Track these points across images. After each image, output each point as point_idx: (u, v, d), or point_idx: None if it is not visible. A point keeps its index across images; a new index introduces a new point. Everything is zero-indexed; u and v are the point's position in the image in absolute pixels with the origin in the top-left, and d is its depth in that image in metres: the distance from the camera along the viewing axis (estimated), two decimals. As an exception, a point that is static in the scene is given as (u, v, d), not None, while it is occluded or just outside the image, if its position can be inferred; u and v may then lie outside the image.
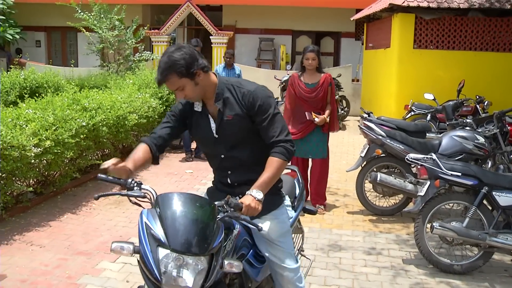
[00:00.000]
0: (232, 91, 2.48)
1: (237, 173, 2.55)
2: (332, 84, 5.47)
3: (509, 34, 9.19)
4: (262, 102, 2.43)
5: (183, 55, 2.32)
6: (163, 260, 2.01)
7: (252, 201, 2.24)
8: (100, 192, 2.61)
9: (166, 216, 2.09)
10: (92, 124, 5.93)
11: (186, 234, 2.04)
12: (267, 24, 16.70)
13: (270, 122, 2.43)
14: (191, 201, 2.18)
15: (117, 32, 12.44)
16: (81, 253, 4.39)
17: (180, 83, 2.34)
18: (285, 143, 2.43)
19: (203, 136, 2.56)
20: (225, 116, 2.47)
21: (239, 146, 2.51)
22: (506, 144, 5.65)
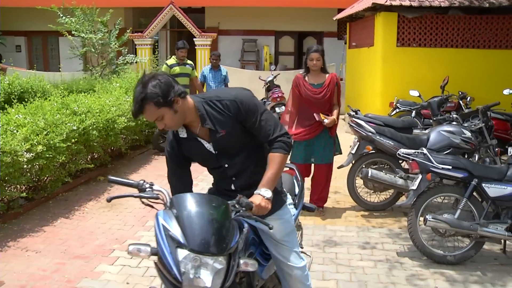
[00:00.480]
0: (213, 106, 2.44)
1: (241, 178, 2.56)
2: (338, 84, 5.30)
3: (488, 31, 9.40)
4: (247, 105, 2.43)
5: (158, 84, 2.26)
6: (183, 261, 2.02)
7: (262, 200, 2.28)
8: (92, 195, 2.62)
9: (183, 217, 2.11)
10: (83, 128, 5.92)
11: (204, 234, 2.05)
12: (250, 25, 16.76)
13: (261, 122, 2.44)
14: (206, 201, 2.20)
15: (100, 35, 12.38)
16: (78, 257, 4.38)
17: (158, 113, 2.29)
18: (282, 137, 2.46)
19: (202, 156, 2.55)
20: (218, 133, 2.44)
21: (240, 153, 2.53)
22: (491, 137, 5.81)
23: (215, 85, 9.25)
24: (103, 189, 6.47)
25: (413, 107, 8.76)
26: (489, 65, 9.21)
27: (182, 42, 8.22)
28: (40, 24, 15.49)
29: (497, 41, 9.40)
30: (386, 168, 5.63)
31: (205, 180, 7.03)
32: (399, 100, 9.04)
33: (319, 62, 5.13)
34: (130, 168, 7.62)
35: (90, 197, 6.13)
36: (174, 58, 8.11)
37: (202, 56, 13.46)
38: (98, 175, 6.98)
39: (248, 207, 2.23)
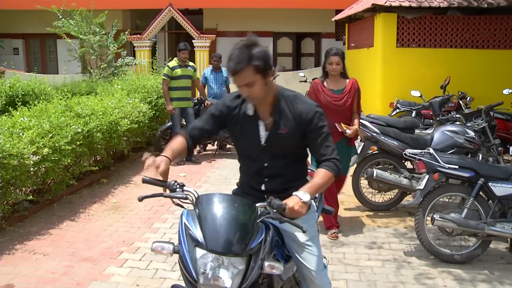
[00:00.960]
0: (289, 104, 2.47)
1: (274, 182, 2.55)
2: (359, 90, 4.90)
3: (486, 31, 9.45)
4: (318, 120, 2.44)
5: (263, 51, 2.29)
6: (200, 260, 2.03)
7: (297, 204, 2.20)
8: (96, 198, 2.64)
9: (204, 217, 2.12)
10: (87, 130, 5.92)
11: (223, 235, 2.05)
12: (248, 27, 16.74)
13: (324, 141, 2.45)
14: (230, 202, 2.20)
15: (98, 37, 12.38)
16: (86, 259, 4.38)
17: (252, 79, 2.29)
18: (336, 161, 2.45)
19: (249, 141, 2.53)
20: (280, 128, 2.46)
21: (284, 157, 2.53)
22: (494, 137, 5.85)
23: (216, 86, 9.27)
24: (107, 192, 6.47)
25: (413, 107, 8.80)
26: (488, 65, 9.26)
27: (184, 44, 8.22)
28: (38, 26, 15.48)
29: (496, 41, 9.45)
30: (390, 168, 5.66)
31: (208, 181, 7.06)
32: (399, 101, 9.07)
33: (339, 66, 4.73)
34: (132, 170, 7.62)
35: (94, 199, 6.13)
36: (176, 60, 8.11)
37: (201, 57, 13.46)
38: (101, 177, 6.98)
39: (279, 209, 2.17)
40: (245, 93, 2.37)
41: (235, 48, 2.30)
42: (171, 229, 5.18)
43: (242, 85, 2.34)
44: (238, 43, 2.33)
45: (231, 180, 7.23)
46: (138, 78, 9.53)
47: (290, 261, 2.65)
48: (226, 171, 7.73)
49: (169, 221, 5.42)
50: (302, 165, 2.67)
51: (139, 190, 6.62)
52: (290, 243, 2.60)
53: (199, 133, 2.61)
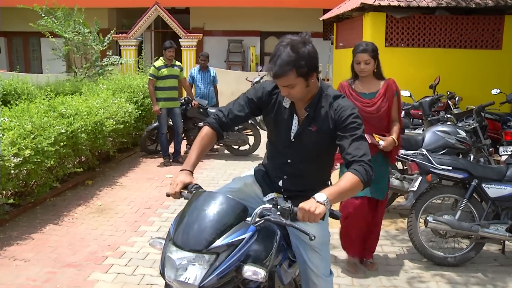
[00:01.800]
0: (327, 102, 2.37)
1: (292, 181, 2.49)
2: (398, 93, 3.98)
3: (474, 32, 9.44)
4: (353, 120, 2.30)
5: (309, 52, 2.19)
6: (167, 254, 2.01)
7: (312, 205, 2.01)
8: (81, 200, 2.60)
9: (183, 212, 2.11)
10: (71, 131, 5.76)
11: (188, 230, 2.01)
12: (235, 26, 16.65)
13: (356, 141, 2.26)
14: (211, 199, 2.12)
15: (82, 36, 12.16)
16: (70, 265, 4.23)
17: (293, 82, 2.22)
18: (367, 164, 2.21)
19: (280, 133, 2.47)
20: (311, 125, 2.38)
21: (310, 157, 2.44)
22: (485, 137, 5.80)
23: (204, 86, 9.13)
24: (92, 194, 6.30)
25: (402, 107, 8.76)
26: (476, 65, 9.25)
27: (169, 42, 8.07)
28: (21, 24, 15.16)
29: (483, 41, 9.45)
30: (381, 169, 5.57)
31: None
32: (388, 101, 9.01)
33: (368, 66, 3.82)
34: (118, 171, 7.46)
35: (79, 202, 5.96)
36: (162, 60, 7.95)
37: (188, 57, 13.32)
38: (86, 179, 6.81)
39: (284, 213, 2.07)
40: (285, 93, 2.31)
41: (279, 47, 2.20)
42: (158, 232, 5.05)
43: (282, 85, 2.28)
44: (283, 41, 2.22)
45: (219, 181, 7.12)
46: (124, 77, 9.36)
47: (293, 266, 2.56)
48: (214, 172, 7.61)
49: (156, 224, 5.28)
50: (324, 172, 2.57)
51: (125, 191, 6.48)
52: (298, 245, 2.49)
53: (233, 119, 2.52)
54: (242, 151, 8.80)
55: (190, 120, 8.53)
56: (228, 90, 12.70)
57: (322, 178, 2.57)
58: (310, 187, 2.37)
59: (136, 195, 6.32)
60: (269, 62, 2.25)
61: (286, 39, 2.21)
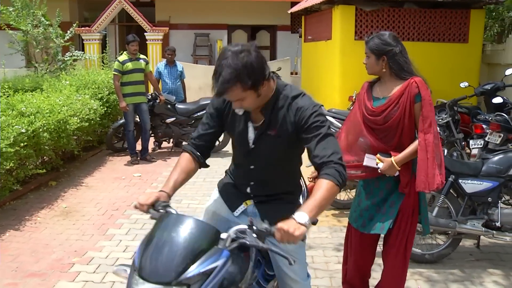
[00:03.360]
0: (285, 103, 2.23)
1: (260, 186, 2.38)
2: (424, 98, 2.92)
3: (442, 25, 9.51)
4: (315, 119, 2.15)
5: (252, 63, 2.01)
6: (134, 286, 1.80)
7: (291, 224, 1.84)
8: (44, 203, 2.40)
9: (149, 238, 1.90)
10: (32, 131, 5.44)
11: (154, 260, 1.80)
12: (202, 19, 16.36)
13: (322, 140, 2.11)
14: (180, 223, 1.90)
15: (42, 29, 11.65)
16: (33, 274, 3.97)
17: (241, 95, 2.07)
18: (338, 165, 2.05)
19: (238, 141, 2.38)
20: (270, 129, 2.25)
21: (273, 162, 2.32)
22: (458, 131, 5.80)
23: (171, 81, 8.89)
24: (56, 196, 6.01)
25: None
26: (444, 59, 9.32)
27: (132, 36, 7.78)
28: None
29: (451, 35, 9.53)
30: (355, 165, 5.50)
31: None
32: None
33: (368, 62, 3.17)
34: (84, 171, 7.16)
35: (42, 205, 5.66)
36: (126, 54, 7.67)
37: (154, 51, 12.97)
38: (49, 180, 6.50)
39: (261, 234, 1.89)
40: (236, 106, 2.17)
41: (221, 63, 2.02)
42: (127, 235, 4.83)
43: (233, 100, 2.14)
44: (225, 54, 2.03)
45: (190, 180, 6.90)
46: (88, 73, 9.00)
47: (271, 281, 2.43)
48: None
49: (124, 226, 5.06)
50: (293, 173, 2.47)
51: (91, 192, 6.21)
52: (274, 255, 2.37)
53: (207, 139, 2.39)
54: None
55: (157, 116, 8.28)
56: (195, 84, 12.46)
57: (292, 179, 2.47)
58: (280, 190, 2.35)
59: (103, 196, 6.06)
60: (212, 79, 2.08)
61: (227, 52, 2.03)
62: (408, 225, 3.07)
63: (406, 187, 2.99)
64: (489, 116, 5.93)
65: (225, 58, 2.01)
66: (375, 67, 3.09)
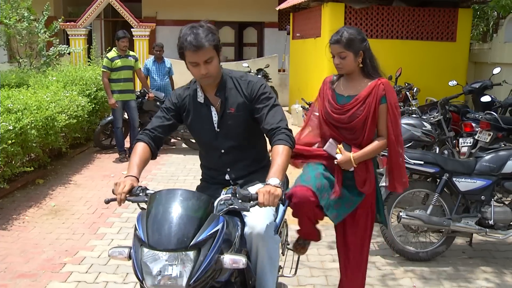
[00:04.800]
0: (235, 81, 2.49)
1: (237, 169, 2.53)
2: (389, 100, 2.86)
3: (430, 23, 9.58)
4: (264, 91, 2.46)
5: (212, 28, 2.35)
6: (145, 259, 1.92)
7: (271, 188, 2.08)
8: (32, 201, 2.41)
9: (149, 214, 2.02)
10: (20, 128, 5.33)
11: (165, 230, 1.94)
12: (188, 15, 16.17)
13: (271, 110, 2.42)
14: (177, 196, 2.06)
15: (26, 23, 11.42)
16: (23, 275, 3.88)
17: (211, 54, 2.31)
18: (286, 130, 2.37)
19: (203, 129, 2.52)
20: (227, 108, 2.46)
21: (240, 140, 2.50)
22: (449, 129, 5.84)
23: (159, 78, 8.80)
24: (44, 194, 5.90)
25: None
26: (433, 57, 9.40)
27: (123, 32, 7.67)
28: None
29: (439, 33, 9.60)
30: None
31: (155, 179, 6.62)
32: (347, 92, 9.00)
33: (345, 61, 2.91)
34: (71, 168, 7.05)
35: (30, 203, 5.55)
36: (115, 51, 7.55)
37: (141, 47, 12.84)
38: (37, 178, 6.38)
39: (246, 198, 2.09)
40: (204, 71, 2.33)
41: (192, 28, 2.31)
42: (118, 234, 4.76)
43: (201, 61, 2.30)
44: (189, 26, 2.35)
45: (178, 177, 6.87)
46: (75, 69, 8.86)
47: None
48: (173, 167, 7.34)
49: (116, 225, 4.99)
50: (261, 147, 2.66)
51: (80, 190, 6.11)
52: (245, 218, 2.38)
53: (161, 131, 2.55)
54: (200, 145, 8.55)
55: (146, 113, 8.19)
56: (182, 81, 12.10)
57: (262, 154, 2.64)
58: (254, 168, 2.53)
59: (92, 194, 5.97)
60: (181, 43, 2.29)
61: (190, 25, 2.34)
62: (368, 222, 3.06)
63: (364, 186, 2.92)
64: (479, 114, 5.98)
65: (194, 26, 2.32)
66: (353, 65, 2.93)
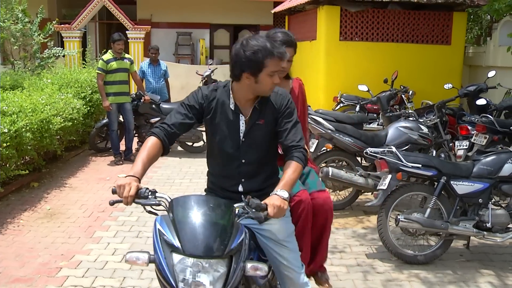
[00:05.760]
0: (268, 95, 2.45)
1: (252, 181, 2.46)
2: (303, 93, 3.22)
3: (425, 27, 9.61)
4: (290, 104, 2.44)
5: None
6: (178, 266, 1.92)
7: (278, 200, 2.12)
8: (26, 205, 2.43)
9: (179, 220, 2.00)
10: (15, 130, 5.28)
11: (200, 237, 1.94)
12: (184, 18, 16.20)
13: (294, 126, 2.41)
14: (204, 202, 2.10)
15: (20, 25, 11.34)
16: (18, 280, 3.83)
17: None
18: (303, 149, 2.40)
19: (228, 136, 2.42)
20: (258, 119, 2.40)
21: (262, 152, 2.46)
22: (445, 132, 5.85)
23: (154, 80, 8.79)
24: (39, 197, 5.85)
25: (357, 101, 8.78)
26: (428, 60, 9.41)
27: (118, 34, 7.64)
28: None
29: (434, 37, 9.63)
30: (344, 166, 5.50)
31: (151, 182, 6.58)
32: (343, 95, 9.02)
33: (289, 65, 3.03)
34: (67, 171, 7.00)
35: (24, 206, 5.50)
36: (111, 53, 7.52)
37: (136, 50, 12.76)
38: (31, 181, 6.32)
39: (259, 208, 2.08)
40: (277, 79, 2.34)
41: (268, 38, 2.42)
42: (115, 238, 4.72)
43: (278, 69, 2.33)
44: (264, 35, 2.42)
45: (175, 180, 6.84)
46: (70, 71, 8.81)
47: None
48: (169, 170, 7.31)
49: (112, 228, 4.95)
50: (274, 163, 2.61)
51: (75, 193, 6.07)
52: (266, 242, 2.46)
53: (180, 128, 2.42)
54: (196, 148, 8.53)
55: (142, 116, 8.17)
56: (178, 84, 12.32)
57: (274, 169, 2.60)
58: (267, 183, 2.47)
59: (88, 197, 5.93)
60: (268, 51, 2.26)
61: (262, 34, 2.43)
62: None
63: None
64: (475, 117, 6.00)
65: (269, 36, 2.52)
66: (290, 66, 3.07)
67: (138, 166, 2.23)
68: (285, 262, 2.48)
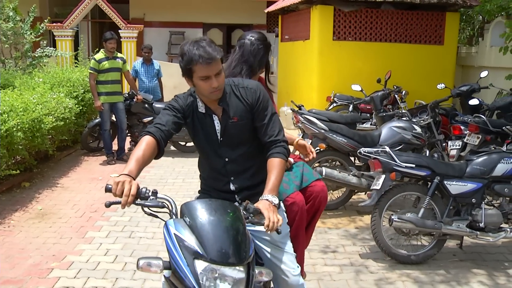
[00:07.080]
0: (235, 89, 2.41)
1: (240, 178, 2.45)
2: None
3: (418, 27, 9.64)
4: (263, 98, 2.41)
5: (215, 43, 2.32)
6: (203, 273, 1.89)
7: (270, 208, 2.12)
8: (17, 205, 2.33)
9: (197, 226, 1.95)
10: (5, 130, 5.23)
11: (222, 244, 1.92)
12: (177, 17, 16.16)
13: (270, 120, 2.40)
14: (219, 207, 2.06)
15: (11, 23, 11.24)
16: (8, 281, 3.79)
17: (220, 66, 2.25)
18: (283, 143, 2.39)
19: (206, 138, 2.42)
20: (230, 117, 2.37)
21: (244, 148, 2.44)
22: (438, 132, 5.86)
23: (148, 80, 8.74)
24: (30, 197, 5.80)
25: (350, 101, 8.78)
26: (421, 60, 9.45)
27: (110, 33, 7.58)
28: None
29: (427, 37, 9.67)
30: (338, 166, 5.50)
31: (144, 182, 6.54)
32: (336, 94, 9.02)
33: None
34: (58, 171, 6.94)
35: (15, 207, 5.45)
36: (103, 52, 7.47)
37: (128, 49, 12.71)
38: (23, 181, 6.27)
39: (256, 213, 2.10)
40: (215, 83, 2.25)
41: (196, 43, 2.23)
42: (107, 238, 4.69)
43: (213, 74, 2.23)
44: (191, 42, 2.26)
45: (167, 179, 6.81)
46: (62, 70, 8.74)
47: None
48: (162, 170, 7.27)
49: (104, 228, 4.91)
50: (262, 156, 2.49)
51: (67, 194, 6.02)
52: (261, 245, 2.44)
53: (173, 127, 2.36)
54: (189, 147, 8.49)
55: (134, 115, 8.13)
56: (170, 83, 12.25)
57: (262, 163, 2.47)
58: (257, 178, 2.43)
59: (80, 197, 5.88)
60: (190, 57, 2.20)
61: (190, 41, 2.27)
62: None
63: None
64: (468, 117, 6.01)
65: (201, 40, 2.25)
66: None
67: (132, 165, 2.11)
68: (280, 264, 2.45)
